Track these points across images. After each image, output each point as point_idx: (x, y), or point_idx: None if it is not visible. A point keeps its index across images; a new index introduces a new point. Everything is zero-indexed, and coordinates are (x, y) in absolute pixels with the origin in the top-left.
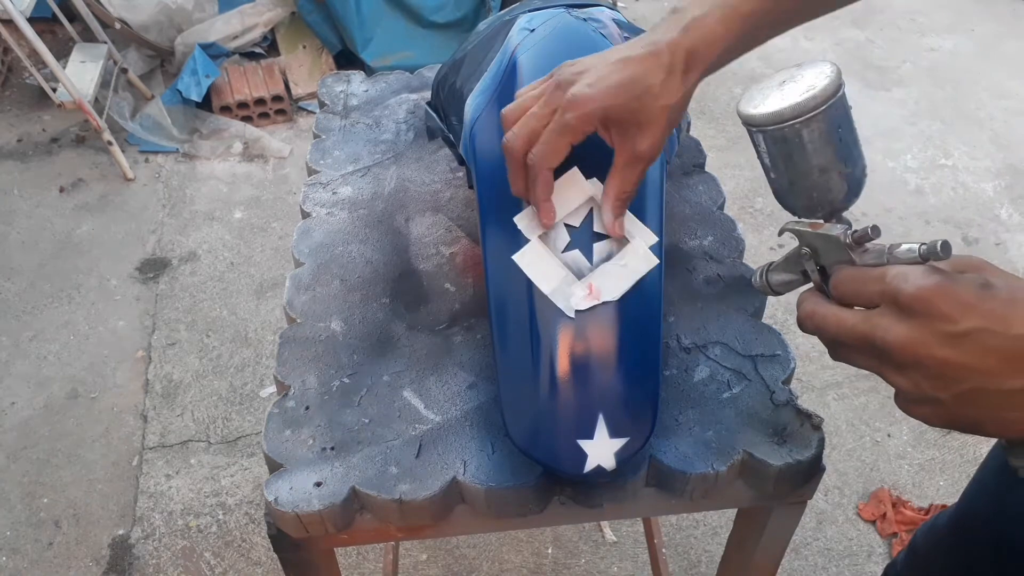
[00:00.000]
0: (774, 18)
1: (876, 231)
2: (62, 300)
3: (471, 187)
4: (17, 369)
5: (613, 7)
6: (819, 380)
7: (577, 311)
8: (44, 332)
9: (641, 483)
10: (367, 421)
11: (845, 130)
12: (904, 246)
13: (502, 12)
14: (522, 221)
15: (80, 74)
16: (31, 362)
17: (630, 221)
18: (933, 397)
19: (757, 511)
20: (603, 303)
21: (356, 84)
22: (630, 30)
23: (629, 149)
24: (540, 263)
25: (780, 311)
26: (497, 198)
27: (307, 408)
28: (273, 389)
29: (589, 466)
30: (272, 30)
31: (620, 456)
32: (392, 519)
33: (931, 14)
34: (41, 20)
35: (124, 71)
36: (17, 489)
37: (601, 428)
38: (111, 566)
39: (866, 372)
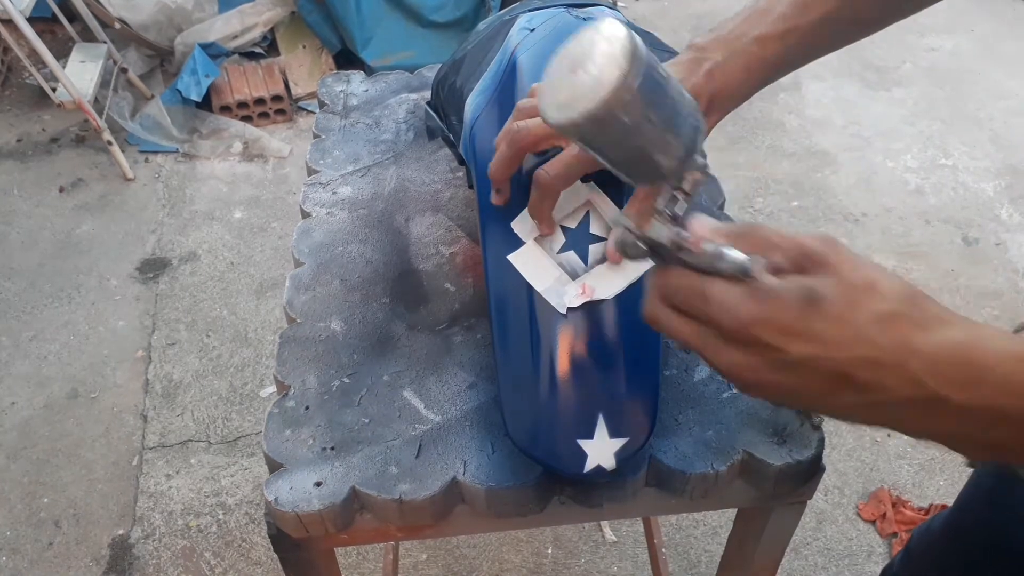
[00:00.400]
0: (797, 57)
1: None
2: (62, 300)
3: (471, 187)
4: (17, 369)
5: (613, 7)
6: None
7: (569, 309)
8: (44, 332)
9: (641, 483)
10: (367, 421)
11: (656, 103)
12: (727, 256)
13: (502, 12)
14: (518, 225)
15: (80, 74)
16: (31, 362)
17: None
18: (770, 397)
19: (757, 511)
20: (599, 301)
21: (356, 84)
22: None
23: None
24: (534, 263)
25: None
26: None
27: (307, 408)
28: (273, 389)
29: (589, 466)
30: (272, 30)
31: (620, 456)
32: (392, 519)
33: (931, 14)
34: (41, 20)
35: (124, 71)
36: (17, 489)
37: (601, 428)
38: (111, 566)
39: None
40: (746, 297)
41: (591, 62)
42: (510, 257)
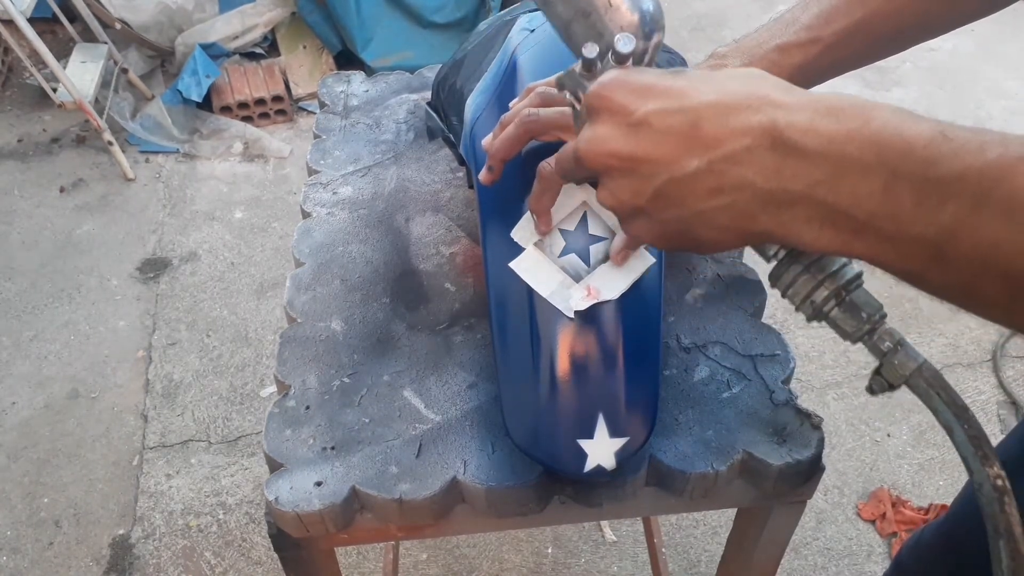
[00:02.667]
0: (822, 68)
1: (622, 47)
2: (63, 300)
3: (471, 187)
4: (17, 369)
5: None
6: (819, 380)
7: (576, 312)
8: (45, 332)
9: (641, 482)
10: (367, 421)
11: None
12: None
13: (502, 12)
14: (518, 233)
15: (80, 74)
16: (31, 362)
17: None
18: (634, 206)
19: (757, 511)
20: (604, 302)
21: (356, 84)
22: None
23: None
24: (536, 268)
25: (780, 311)
26: (497, 198)
27: (307, 408)
28: (273, 389)
29: (589, 466)
30: (272, 30)
31: (620, 456)
32: (392, 519)
33: None
34: (41, 20)
35: (124, 71)
36: (17, 489)
37: (601, 428)
38: (111, 566)
39: (865, 373)
40: (613, 70)
41: None
42: (512, 265)
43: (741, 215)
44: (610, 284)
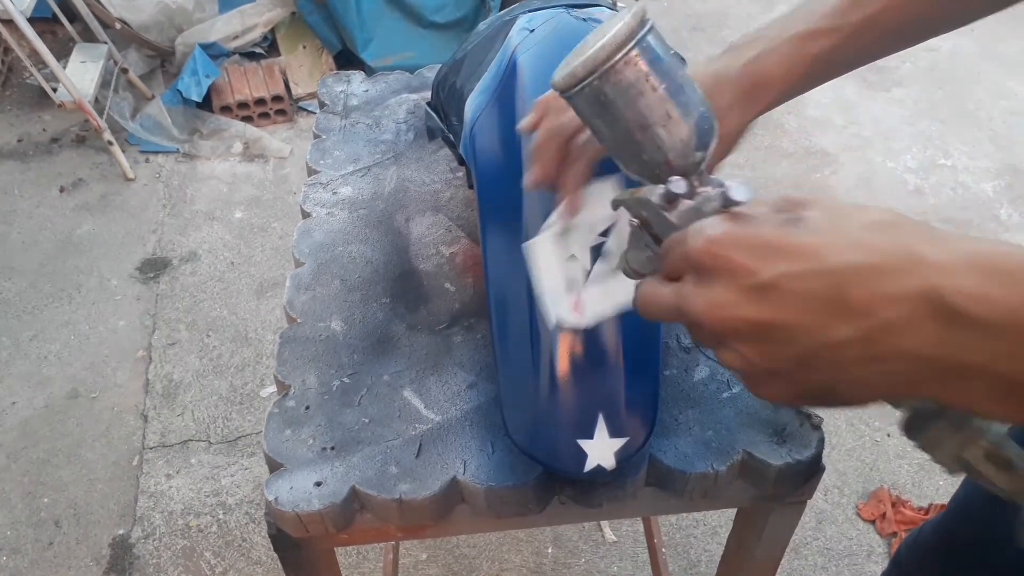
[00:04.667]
0: (846, 56)
1: (697, 181)
2: (62, 300)
3: (471, 187)
4: (17, 369)
5: (613, 7)
6: None
7: (556, 324)
8: (44, 332)
9: (641, 483)
10: (367, 421)
11: (658, 77)
12: (714, 195)
13: (502, 12)
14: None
15: (80, 74)
16: (31, 362)
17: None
18: (769, 370)
19: (757, 511)
20: (575, 329)
21: (356, 84)
22: None
23: None
24: (544, 259)
25: None
26: (497, 198)
27: (307, 408)
28: (273, 389)
29: (589, 466)
30: (272, 30)
31: (620, 456)
32: (392, 519)
33: None
34: (41, 20)
35: (124, 71)
36: (17, 489)
37: (601, 428)
38: (111, 566)
39: None
40: (720, 219)
41: (604, 29)
42: (525, 245)
43: (902, 383)
44: (597, 304)
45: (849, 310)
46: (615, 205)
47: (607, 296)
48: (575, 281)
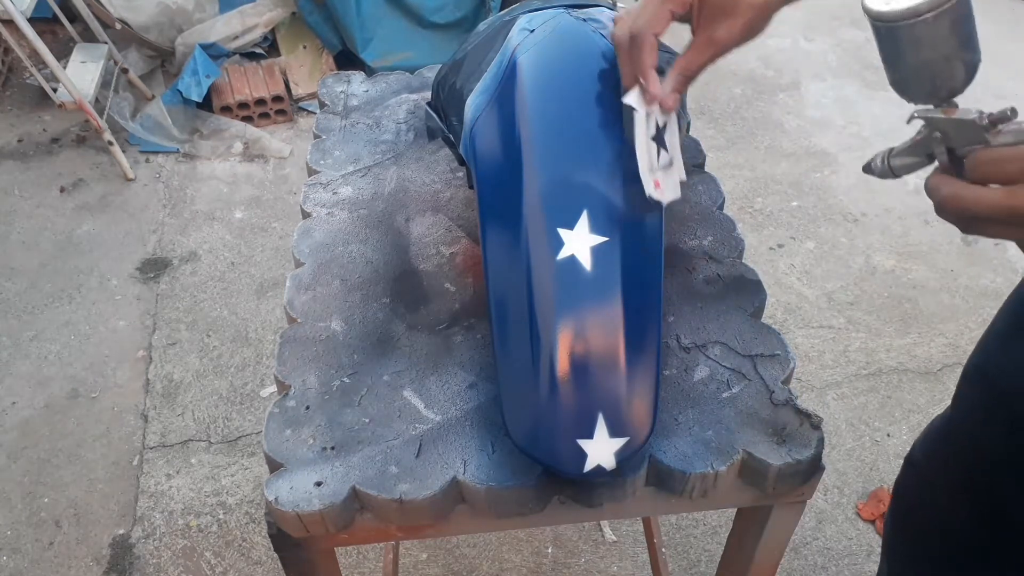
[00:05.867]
0: None
1: (1014, 112)
2: (63, 300)
3: (471, 187)
4: (18, 369)
5: (613, 7)
6: (819, 380)
7: (648, 197)
8: (45, 332)
9: (641, 483)
10: (367, 421)
11: (970, 18)
12: None
13: (502, 12)
14: (630, 98)
15: (80, 74)
16: (32, 362)
17: (673, 147)
18: None
19: (757, 511)
20: (658, 203)
21: (356, 84)
22: None
23: (709, 33)
24: (641, 134)
25: (780, 311)
26: (497, 198)
27: (307, 408)
28: (273, 389)
29: (589, 466)
30: (272, 30)
31: (620, 456)
32: (392, 519)
33: None
34: (41, 20)
35: (124, 71)
36: (18, 489)
37: (601, 428)
38: (111, 566)
39: (866, 372)
40: None
41: None
42: (635, 112)
43: None
44: (668, 188)
45: None
46: (911, 119)
47: (669, 184)
48: (655, 163)
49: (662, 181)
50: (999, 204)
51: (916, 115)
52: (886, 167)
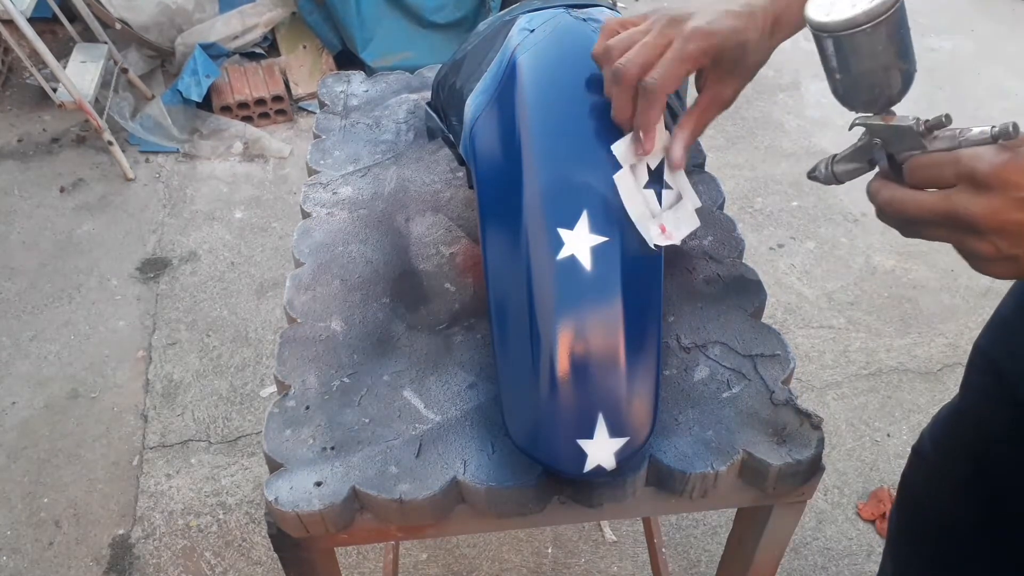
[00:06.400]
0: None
1: (949, 119)
2: (63, 300)
3: (471, 187)
4: (17, 369)
5: (613, 7)
6: (819, 380)
7: (654, 246)
8: (45, 332)
9: (641, 483)
10: (367, 421)
11: (905, 30)
12: (976, 129)
13: (502, 12)
14: (618, 149)
15: (80, 74)
16: (31, 362)
17: (678, 180)
18: (1011, 255)
19: (757, 511)
20: (670, 245)
21: (356, 84)
22: None
23: (717, 91)
24: (630, 190)
25: (780, 311)
26: (497, 198)
27: (307, 408)
28: (273, 389)
29: (589, 466)
30: (272, 30)
31: (620, 456)
32: (392, 519)
33: (931, 14)
34: (41, 20)
35: (124, 71)
36: (17, 489)
37: (601, 428)
38: (111, 566)
39: (865, 373)
40: (998, 149)
41: None
42: (616, 176)
43: None
44: (677, 228)
45: None
46: (852, 126)
47: (681, 220)
48: (655, 208)
49: (669, 222)
50: (935, 208)
51: (857, 122)
52: (830, 173)
